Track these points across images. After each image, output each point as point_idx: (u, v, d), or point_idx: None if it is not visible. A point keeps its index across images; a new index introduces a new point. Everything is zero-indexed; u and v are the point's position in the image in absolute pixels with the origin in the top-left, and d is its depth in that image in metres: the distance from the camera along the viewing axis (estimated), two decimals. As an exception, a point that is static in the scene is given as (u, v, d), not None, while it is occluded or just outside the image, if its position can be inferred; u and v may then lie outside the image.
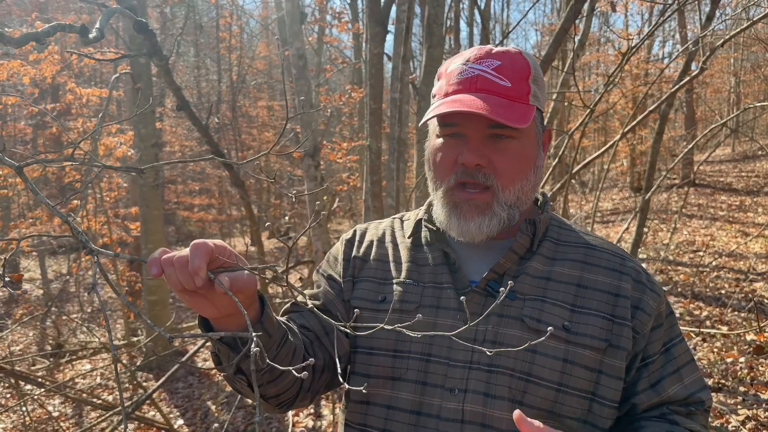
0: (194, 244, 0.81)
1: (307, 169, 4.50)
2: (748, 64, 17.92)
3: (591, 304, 1.02)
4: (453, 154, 1.03)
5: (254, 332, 0.67)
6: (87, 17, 10.27)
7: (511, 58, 1.03)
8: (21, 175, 0.79)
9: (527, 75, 1.03)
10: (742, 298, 6.09)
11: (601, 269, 1.06)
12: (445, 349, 1.01)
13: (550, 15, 20.42)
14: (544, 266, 1.06)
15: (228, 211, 16.38)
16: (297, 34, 4.48)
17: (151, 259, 0.82)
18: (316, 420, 4.73)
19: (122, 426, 3.53)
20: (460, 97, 0.99)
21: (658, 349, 1.03)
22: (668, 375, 1.03)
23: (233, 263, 0.84)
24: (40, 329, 7.51)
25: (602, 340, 0.99)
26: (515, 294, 1.03)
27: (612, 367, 0.99)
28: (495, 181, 1.01)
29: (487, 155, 1.01)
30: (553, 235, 1.10)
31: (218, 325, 0.93)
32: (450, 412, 0.98)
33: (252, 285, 0.87)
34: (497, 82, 1.00)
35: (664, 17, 3.39)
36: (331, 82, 15.82)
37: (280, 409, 1.10)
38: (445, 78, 1.05)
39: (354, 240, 1.22)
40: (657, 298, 1.05)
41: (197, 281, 0.80)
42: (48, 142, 12.28)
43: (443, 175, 1.05)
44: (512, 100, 1.00)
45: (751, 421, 3.64)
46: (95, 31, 1.34)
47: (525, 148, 1.04)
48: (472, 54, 1.04)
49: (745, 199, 11.63)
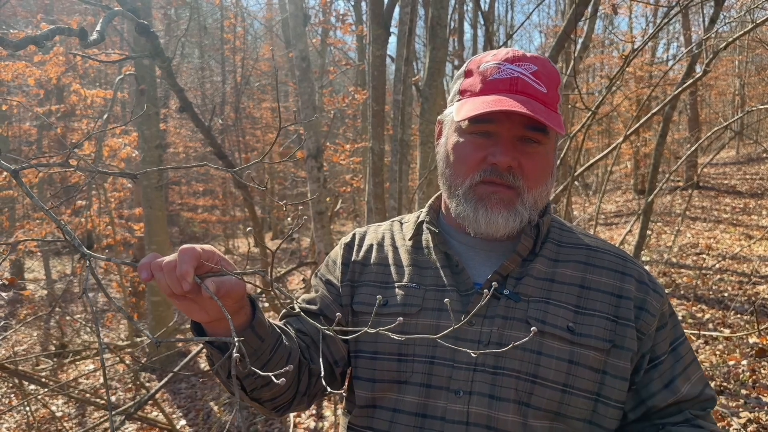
0: (182, 249, 0.82)
1: (310, 170, 4.51)
2: (752, 67, 17.88)
3: (594, 306, 1.02)
4: (482, 152, 1.02)
5: (243, 336, 0.68)
6: (92, 18, 10.32)
7: (544, 65, 1.03)
8: (17, 179, 0.80)
9: (558, 83, 1.04)
10: (745, 301, 6.07)
11: (604, 270, 1.06)
12: (449, 351, 1.01)
13: (554, 17, 20.42)
14: (547, 268, 1.06)
15: (232, 212, 16.41)
16: (300, 36, 4.50)
17: (141, 264, 0.84)
18: (318, 421, 4.73)
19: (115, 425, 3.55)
20: (503, 97, 0.98)
21: (665, 349, 1.04)
22: (679, 374, 1.03)
23: (219, 268, 0.85)
24: (44, 329, 7.54)
25: (606, 341, 0.99)
26: (519, 296, 1.03)
27: (616, 367, 0.99)
28: (522, 182, 1.02)
29: (518, 158, 1.01)
30: (555, 237, 1.11)
31: (209, 329, 0.94)
32: (455, 414, 0.98)
33: (240, 289, 0.87)
34: (536, 87, 1.00)
35: (667, 20, 3.39)
36: (335, 83, 15.83)
37: (277, 413, 1.10)
38: (479, 75, 1.04)
39: (353, 244, 1.21)
40: (660, 298, 1.05)
41: (184, 286, 0.81)
42: (53, 143, 12.33)
43: (467, 172, 1.04)
44: (548, 107, 1.00)
45: (752, 424, 3.63)
46: (95, 33, 1.35)
47: (548, 154, 1.05)
48: (507, 54, 1.03)
49: (749, 202, 11.59)
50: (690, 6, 3.05)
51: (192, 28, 13.61)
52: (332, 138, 12.43)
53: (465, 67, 1.09)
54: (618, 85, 9.26)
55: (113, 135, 7.64)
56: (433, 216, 1.17)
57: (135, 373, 5.19)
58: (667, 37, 17.94)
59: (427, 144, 4.73)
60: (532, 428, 0.97)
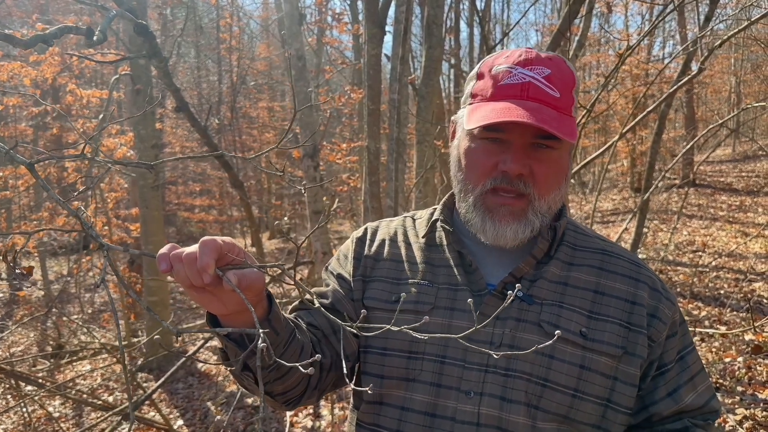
0: (203, 241, 0.81)
1: (307, 169, 4.52)
2: (748, 65, 17.91)
3: (608, 311, 1.02)
4: (493, 159, 1.01)
5: (261, 329, 0.67)
6: (88, 18, 10.30)
7: (558, 67, 1.01)
8: (32, 172, 0.80)
9: (572, 86, 1.02)
10: (741, 298, 6.09)
11: (618, 276, 1.06)
12: (460, 351, 1.01)
13: (550, 15, 20.44)
14: (562, 271, 1.06)
15: (229, 212, 16.40)
16: (296, 36, 4.50)
17: (160, 255, 0.82)
18: (315, 420, 4.74)
19: (114, 425, 3.55)
20: (512, 104, 0.97)
21: (673, 358, 1.03)
22: (684, 383, 1.03)
23: (241, 260, 0.84)
24: (40, 330, 7.52)
25: (618, 347, 0.99)
26: (533, 299, 1.02)
27: (627, 374, 0.99)
28: (532, 189, 1.01)
29: (529, 165, 1.00)
30: (570, 240, 1.10)
31: (225, 322, 0.93)
32: (465, 414, 0.98)
33: (260, 282, 0.86)
34: (548, 92, 0.99)
35: (662, 17, 3.40)
36: (332, 83, 15.82)
37: (287, 407, 1.10)
38: (490, 79, 1.02)
39: (365, 238, 1.20)
40: (672, 306, 1.05)
41: (205, 278, 0.80)
42: (49, 143, 12.30)
43: (478, 179, 1.03)
44: (560, 112, 0.99)
45: (748, 421, 3.65)
46: (98, 34, 1.36)
47: (562, 159, 1.03)
48: (519, 57, 1.01)
49: (745, 199, 11.63)
50: (685, 4, 3.06)
51: (188, 28, 13.59)
52: (329, 137, 12.43)
53: (478, 69, 1.08)
54: (614, 83, 9.28)
55: (109, 135, 7.62)
56: (447, 214, 1.16)
57: (132, 374, 5.19)
58: (663, 35, 17.98)
59: (424, 143, 4.73)
60: (541, 431, 0.97)
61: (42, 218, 8.22)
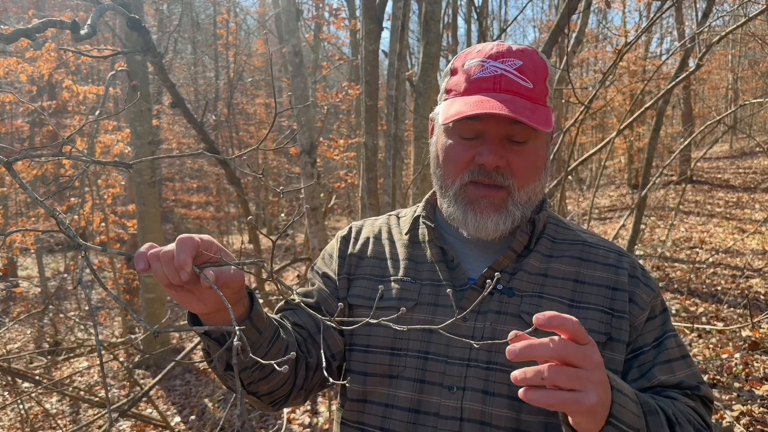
0: (180, 239, 0.81)
1: (304, 166, 4.50)
2: (746, 61, 17.92)
3: (589, 299, 1.02)
4: (469, 152, 1.01)
5: (239, 326, 0.67)
6: (84, 14, 10.24)
7: (530, 58, 1.01)
8: (10, 171, 0.79)
9: (545, 76, 1.02)
10: (738, 295, 6.10)
11: (598, 265, 1.06)
12: (443, 347, 1.01)
13: (548, 12, 20.42)
14: (541, 263, 1.06)
15: (226, 208, 16.36)
16: (293, 31, 4.48)
17: (137, 254, 0.82)
18: (312, 417, 4.73)
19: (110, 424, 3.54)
20: (485, 97, 0.97)
21: (649, 341, 1.03)
22: (659, 364, 1.02)
23: (219, 258, 0.83)
24: (37, 327, 7.51)
25: (602, 333, 0.99)
26: (513, 291, 1.03)
27: (612, 360, 0.99)
28: (511, 181, 1.01)
29: (505, 156, 1.00)
30: (551, 233, 1.11)
31: (207, 321, 0.92)
32: (449, 409, 0.98)
33: (239, 280, 0.86)
34: (521, 83, 0.99)
35: (660, 14, 3.39)
36: (329, 79, 15.79)
37: (273, 407, 1.10)
38: (463, 74, 1.03)
39: (350, 237, 1.21)
40: (651, 292, 1.05)
41: (182, 276, 0.80)
42: (45, 140, 12.26)
43: (456, 173, 1.03)
44: (534, 102, 0.99)
45: (745, 417, 3.66)
46: (87, 27, 1.34)
47: (539, 150, 1.03)
48: (491, 50, 1.01)
49: (743, 196, 11.65)
50: (683, 0, 3.05)
51: (184, 24, 13.55)
52: (327, 134, 12.40)
53: (451, 65, 1.08)
54: (611, 79, 9.27)
55: (105, 131, 7.60)
56: (430, 211, 1.16)
57: (129, 370, 5.18)
58: (661, 31, 17.98)
59: (421, 139, 4.73)
60: (527, 423, 0.96)
61: (38, 215, 8.20)
